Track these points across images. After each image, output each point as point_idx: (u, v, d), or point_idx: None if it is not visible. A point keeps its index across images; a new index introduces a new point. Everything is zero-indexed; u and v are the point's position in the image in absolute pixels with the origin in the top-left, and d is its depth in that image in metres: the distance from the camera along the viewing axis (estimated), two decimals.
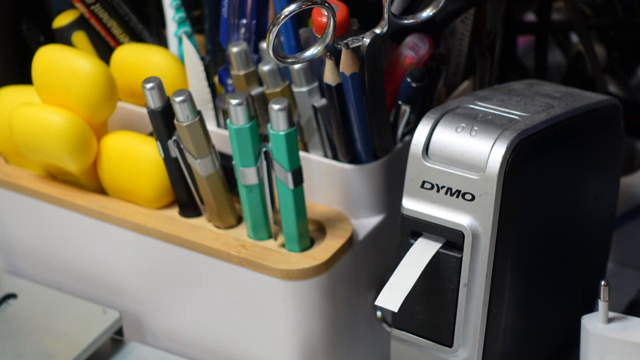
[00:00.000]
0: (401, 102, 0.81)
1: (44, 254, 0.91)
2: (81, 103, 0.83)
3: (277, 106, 0.74)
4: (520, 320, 0.74)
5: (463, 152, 0.68)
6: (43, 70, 0.84)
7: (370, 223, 0.82)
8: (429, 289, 0.71)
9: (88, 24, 0.90)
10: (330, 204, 0.83)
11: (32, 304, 0.88)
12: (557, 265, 0.76)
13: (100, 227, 0.85)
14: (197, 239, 0.81)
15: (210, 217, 0.82)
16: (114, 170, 0.85)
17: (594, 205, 0.77)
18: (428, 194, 0.70)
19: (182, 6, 0.88)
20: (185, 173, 0.80)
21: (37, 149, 0.84)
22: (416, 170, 0.70)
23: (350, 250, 0.80)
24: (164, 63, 0.87)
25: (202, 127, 0.77)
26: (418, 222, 0.70)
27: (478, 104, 0.72)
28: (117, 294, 0.88)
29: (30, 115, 0.83)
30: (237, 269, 0.79)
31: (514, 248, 0.69)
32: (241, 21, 0.85)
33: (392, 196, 0.82)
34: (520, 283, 0.71)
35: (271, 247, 0.80)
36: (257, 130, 0.76)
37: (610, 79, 1.02)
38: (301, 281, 0.78)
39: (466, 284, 0.70)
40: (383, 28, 0.75)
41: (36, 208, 0.88)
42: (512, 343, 0.73)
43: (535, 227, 0.71)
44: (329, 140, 0.81)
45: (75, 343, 0.83)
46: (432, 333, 0.73)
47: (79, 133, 0.82)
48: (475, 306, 0.70)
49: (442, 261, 0.70)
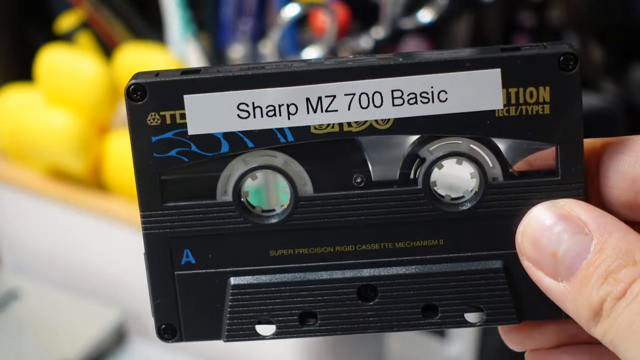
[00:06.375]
0: None
1: (47, 253, 0.91)
2: (83, 102, 0.83)
3: None
4: None
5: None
6: (46, 70, 0.85)
7: None
8: None
9: (90, 24, 0.91)
10: None
11: (36, 302, 0.89)
12: None
13: (104, 226, 0.86)
14: None
15: None
16: (116, 170, 0.85)
17: None
18: None
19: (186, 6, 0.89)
20: None
21: (39, 149, 0.84)
22: None
23: None
24: (164, 63, 0.87)
25: None
26: None
27: None
28: (119, 292, 0.88)
29: (33, 116, 0.84)
30: None
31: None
32: (242, 22, 0.86)
33: None
34: None
35: None
36: None
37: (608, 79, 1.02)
38: None
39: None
40: (382, 32, 0.76)
41: (39, 207, 0.89)
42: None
43: None
44: None
45: (78, 341, 0.84)
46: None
47: (80, 133, 0.83)
48: None
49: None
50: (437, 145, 0.40)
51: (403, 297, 0.40)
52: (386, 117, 0.39)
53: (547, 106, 0.38)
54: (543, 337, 0.42)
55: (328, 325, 0.40)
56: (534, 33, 0.97)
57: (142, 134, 0.39)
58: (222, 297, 0.41)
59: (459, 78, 0.38)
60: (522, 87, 0.38)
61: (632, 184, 0.39)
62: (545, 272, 0.38)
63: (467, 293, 0.40)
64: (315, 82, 0.38)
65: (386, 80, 0.38)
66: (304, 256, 0.40)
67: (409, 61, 0.38)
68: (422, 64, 0.38)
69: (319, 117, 0.39)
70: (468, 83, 0.38)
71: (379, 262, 0.40)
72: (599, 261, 0.36)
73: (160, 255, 0.41)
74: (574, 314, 0.37)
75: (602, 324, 0.36)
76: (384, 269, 0.40)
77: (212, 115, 0.39)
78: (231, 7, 0.86)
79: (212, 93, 0.39)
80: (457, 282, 0.40)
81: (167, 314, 0.41)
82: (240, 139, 0.39)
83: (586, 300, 0.36)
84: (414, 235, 0.40)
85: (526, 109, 0.38)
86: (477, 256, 0.40)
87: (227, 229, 0.40)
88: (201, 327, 0.41)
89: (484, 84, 0.38)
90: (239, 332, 0.41)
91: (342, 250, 0.40)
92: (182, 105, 0.39)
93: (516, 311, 0.40)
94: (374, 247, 0.40)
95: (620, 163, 0.39)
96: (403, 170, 0.40)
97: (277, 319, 0.41)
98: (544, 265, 0.38)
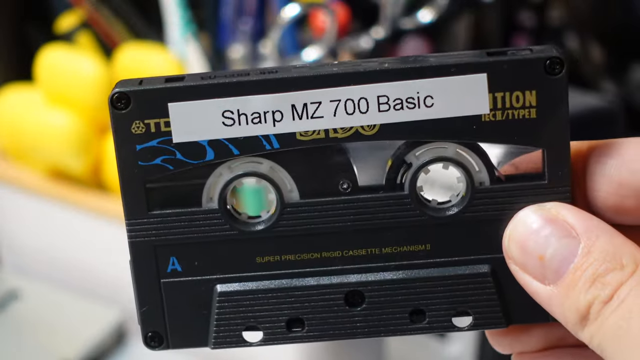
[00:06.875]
0: None
1: (47, 253, 0.91)
2: (83, 102, 0.83)
3: None
4: None
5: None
6: (46, 69, 0.85)
7: None
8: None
9: (90, 24, 0.91)
10: None
11: (36, 302, 0.89)
12: None
13: (104, 226, 0.86)
14: None
15: None
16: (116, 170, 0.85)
17: None
18: None
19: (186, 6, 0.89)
20: None
21: (39, 149, 0.85)
22: None
23: None
24: (164, 63, 0.87)
25: None
26: None
27: None
28: (119, 292, 0.89)
29: (33, 116, 0.84)
30: None
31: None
32: (242, 22, 0.86)
33: None
34: None
35: None
36: None
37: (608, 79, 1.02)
38: None
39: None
40: (382, 32, 0.76)
41: (39, 207, 0.89)
42: None
43: None
44: None
45: (78, 341, 0.84)
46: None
47: (80, 133, 0.83)
48: None
49: None
50: (424, 150, 0.40)
51: (390, 302, 0.40)
52: (372, 122, 0.39)
53: (533, 110, 0.38)
54: (530, 340, 0.42)
55: (315, 332, 0.40)
56: (534, 33, 0.97)
57: (126, 143, 0.40)
58: (209, 304, 0.41)
59: (445, 83, 0.38)
60: (508, 92, 0.38)
61: (618, 187, 0.38)
62: (532, 275, 0.38)
63: (454, 297, 0.40)
64: (300, 89, 0.38)
65: (372, 86, 0.38)
66: (291, 262, 0.40)
67: (394, 67, 0.38)
68: (407, 70, 0.38)
69: (305, 123, 0.39)
70: (454, 88, 0.38)
71: (366, 268, 0.40)
72: (586, 264, 0.36)
73: (146, 263, 0.41)
74: (561, 317, 0.37)
75: (589, 327, 0.36)
76: (371, 275, 0.40)
77: (196, 123, 0.39)
78: (231, 7, 0.86)
79: (197, 101, 0.39)
80: (444, 287, 0.40)
81: (154, 321, 0.41)
82: (225, 146, 0.39)
83: (573, 303, 0.36)
84: (401, 241, 0.40)
85: (512, 114, 0.38)
86: (464, 260, 0.40)
87: (213, 236, 0.40)
88: (188, 334, 0.41)
89: (470, 89, 0.38)
90: (226, 339, 0.41)
91: (329, 256, 0.40)
92: (166, 113, 0.39)
93: (504, 315, 0.40)
94: (360, 252, 0.40)
95: (607, 167, 0.39)
96: (389, 175, 0.40)
97: (264, 326, 0.40)
98: (531, 268, 0.38)
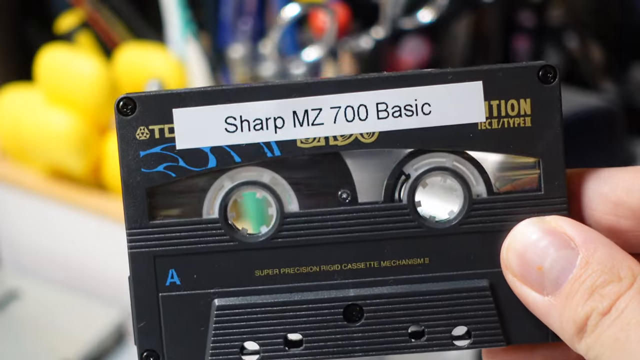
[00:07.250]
0: None
1: (47, 252, 0.91)
2: (83, 102, 0.83)
3: None
4: None
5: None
6: (46, 70, 0.85)
7: None
8: None
9: (90, 24, 0.91)
10: None
11: (36, 302, 0.89)
12: None
13: (104, 226, 0.86)
14: None
15: None
16: (116, 169, 0.85)
17: None
18: None
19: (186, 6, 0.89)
20: None
21: (39, 149, 0.85)
22: None
23: None
24: (164, 63, 0.87)
25: None
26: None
27: None
28: (119, 292, 0.89)
29: (33, 116, 0.84)
30: None
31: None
32: (242, 22, 0.86)
33: None
34: None
35: None
36: None
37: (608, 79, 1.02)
38: None
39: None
40: (382, 32, 0.76)
41: (39, 207, 0.89)
42: None
43: None
44: None
45: (78, 341, 0.84)
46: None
47: (80, 133, 0.83)
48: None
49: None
50: (422, 161, 0.40)
51: (389, 318, 0.40)
52: (371, 130, 0.39)
53: (528, 119, 0.39)
54: None
55: (313, 349, 0.40)
56: (534, 33, 0.97)
57: (131, 149, 0.40)
58: (207, 319, 0.41)
59: (442, 91, 0.39)
60: (503, 100, 0.39)
61: (614, 207, 0.39)
62: (530, 286, 0.38)
63: (453, 313, 0.40)
64: (302, 95, 0.39)
65: (371, 93, 0.39)
66: (290, 276, 0.40)
67: (392, 74, 0.39)
68: (405, 77, 0.39)
69: (306, 130, 0.39)
70: (451, 96, 0.39)
71: (364, 282, 0.40)
72: (585, 276, 0.36)
73: (145, 276, 0.41)
74: (558, 329, 0.37)
75: (586, 339, 0.36)
76: (370, 289, 0.40)
77: (200, 129, 0.39)
78: (231, 7, 0.86)
79: (201, 107, 0.39)
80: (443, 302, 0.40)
81: (150, 339, 0.41)
82: (227, 153, 0.39)
83: (571, 315, 0.36)
84: (400, 254, 0.40)
85: (508, 122, 0.39)
86: (463, 275, 0.40)
87: (213, 247, 0.40)
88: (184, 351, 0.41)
89: (466, 97, 0.39)
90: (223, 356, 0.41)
91: (328, 270, 0.40)
92: (170, 119, 0.39)
93: (503, 332, 0.40)
94: (359, 266, 0.40)
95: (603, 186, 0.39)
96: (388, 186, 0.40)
97: (261, 342, 0.40)
98: (530, 279, 0.38)
